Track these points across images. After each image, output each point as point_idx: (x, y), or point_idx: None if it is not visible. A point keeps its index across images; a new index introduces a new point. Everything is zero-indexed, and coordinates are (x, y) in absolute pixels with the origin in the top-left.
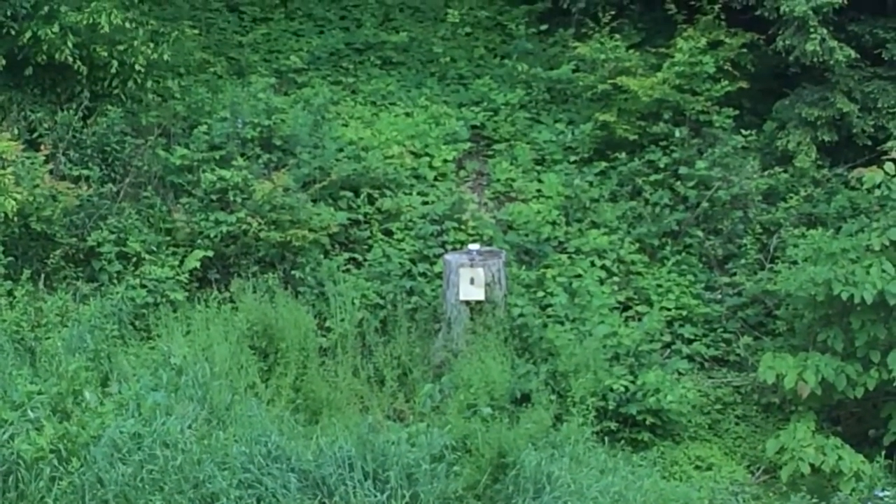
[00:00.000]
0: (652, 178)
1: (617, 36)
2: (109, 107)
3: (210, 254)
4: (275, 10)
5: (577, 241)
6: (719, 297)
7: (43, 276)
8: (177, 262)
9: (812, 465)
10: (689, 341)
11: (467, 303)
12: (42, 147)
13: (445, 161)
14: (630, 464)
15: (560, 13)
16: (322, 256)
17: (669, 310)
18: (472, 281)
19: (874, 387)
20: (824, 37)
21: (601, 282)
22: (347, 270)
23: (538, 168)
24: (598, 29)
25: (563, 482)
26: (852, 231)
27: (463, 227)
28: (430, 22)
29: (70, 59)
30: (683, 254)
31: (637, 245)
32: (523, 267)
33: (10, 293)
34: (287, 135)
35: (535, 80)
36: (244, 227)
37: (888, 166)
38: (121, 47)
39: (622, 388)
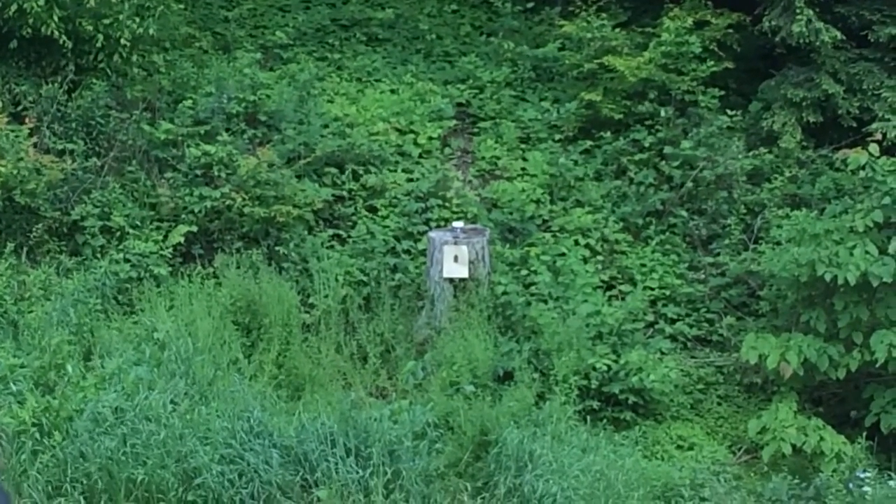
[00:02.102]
0: (637, 157)
1: (603, 15)
2: (94, 81)
3: (194, 229)
4: None
5: (562, 219)
6: (703, 276)
7: (26, 249)
8: (160, 237)
9: (794, 446)
10: (673, 321)
11: (451, 280)
12: (26, 120)
13: (430, 138)
14: (612, 443)
15: None
16: (306, 232)
17: (653, 289)
18: (455, 258)
19: (856, 368)
20: (811, 18)
21: (585, 260)
22: (331, 247)
23: (523, 146)
24: (584, 7)
25: (545, 460)
26: (836, 212)
27: (447, 204)
28: None
29: (56, 32)
30: (667, 233)
31: (621, 224)
32: (507, 245)
33: None
34: (272, 110)
35: (520, 58)
36: (228, 202)
37: (872, 148)
38: (106, 21)
39: (605, 367)
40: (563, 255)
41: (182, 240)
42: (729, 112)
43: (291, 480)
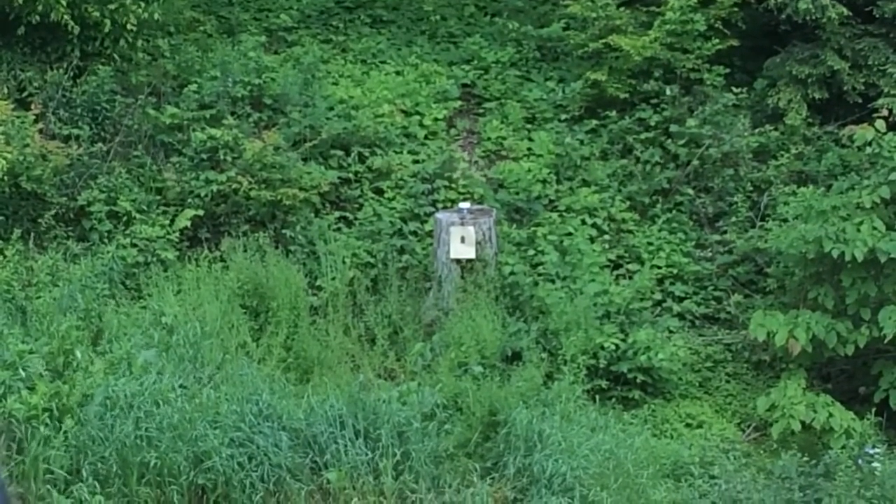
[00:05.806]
0: (643, 136)
1: None
2: (100, 66)
3: (200, 213)
4: None
5: (568, 199)
6: (710, 254)
7: (33, 235)
8: (167, 222)
9: (803, 423)
10: (680, 299)
11: (458, 261)
12: (32, 106)
13: (436, 119)
14: (621, 422)
15: None
16: (313, 215)
17: (660, 268)
18: (462, 239)
19: (864, 344)
20: None
21: (592, 240)
22: (338, 229)
23: (529, 126)
24: None
25: (554, 440)
26: (843, 188)
27: (453, 185)
28: None
29: (64, 18)
30: (674, 212)
31: (628, 203)
32: (514, 225)
33: (0, 253)
34: (277, 94)
35: (525, 38)
36: (234, 185)
37: (879, 124)
38: (112, 6)
39: (613, 347)
40: (570, 234)
41: (189, 224)
42: (734, 90)
43: (301, 463)
